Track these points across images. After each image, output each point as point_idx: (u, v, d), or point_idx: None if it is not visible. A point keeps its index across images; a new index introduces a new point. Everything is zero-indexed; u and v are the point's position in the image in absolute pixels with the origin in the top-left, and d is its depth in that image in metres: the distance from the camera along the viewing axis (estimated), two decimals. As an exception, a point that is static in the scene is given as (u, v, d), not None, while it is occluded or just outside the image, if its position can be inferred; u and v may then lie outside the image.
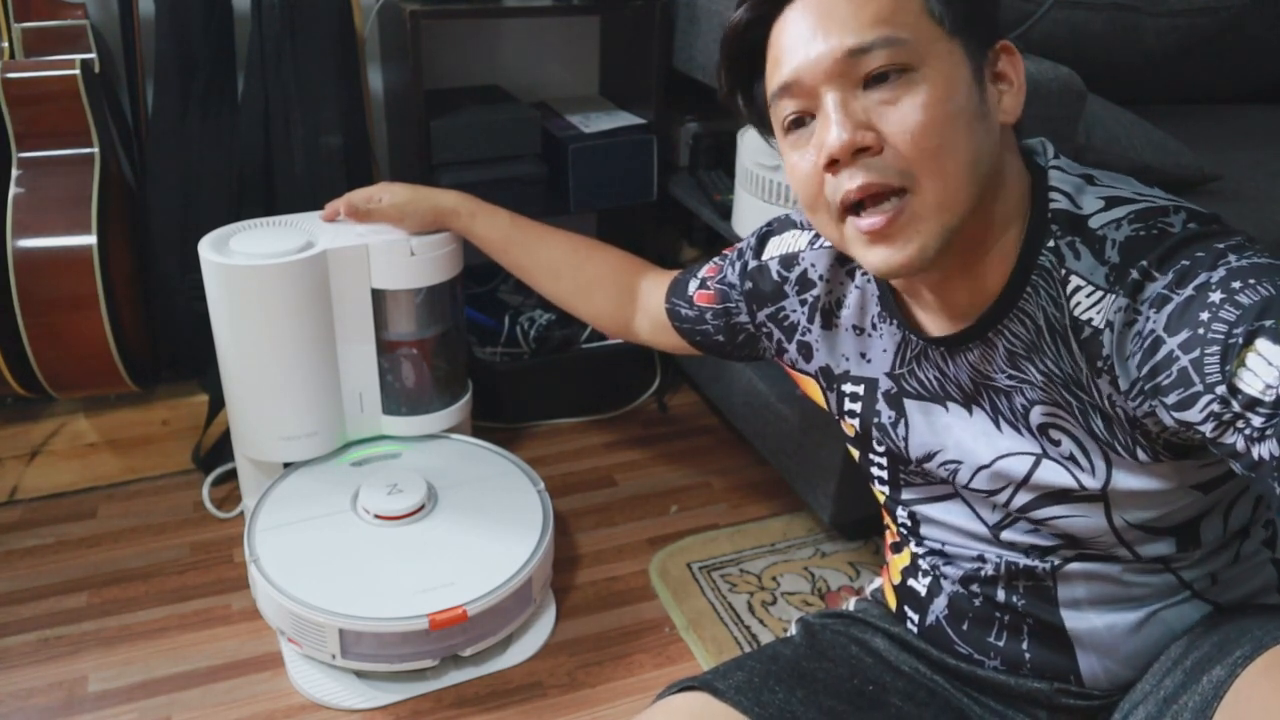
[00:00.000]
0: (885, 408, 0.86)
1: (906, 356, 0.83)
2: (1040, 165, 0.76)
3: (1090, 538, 0.78)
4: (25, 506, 1.45)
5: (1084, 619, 0.81)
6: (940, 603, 0.89)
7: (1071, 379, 0.72)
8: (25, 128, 1.32)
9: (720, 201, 1.49)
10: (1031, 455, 0.77)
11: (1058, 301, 0.72)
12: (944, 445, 0.82)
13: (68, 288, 1.30)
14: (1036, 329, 0.73)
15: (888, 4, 0.68)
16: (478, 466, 1.35)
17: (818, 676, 0.86)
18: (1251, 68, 1.90)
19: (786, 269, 0.93)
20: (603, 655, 1.22)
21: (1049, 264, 0.72)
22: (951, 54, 0.69)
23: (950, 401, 0.81)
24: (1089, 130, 1.27)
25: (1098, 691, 0.83)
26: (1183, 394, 0.63)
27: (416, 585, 1.13)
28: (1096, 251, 0.70)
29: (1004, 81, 0.73)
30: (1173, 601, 0.80)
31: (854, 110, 0.68)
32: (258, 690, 1.15)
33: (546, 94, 1.77)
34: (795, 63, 0.70)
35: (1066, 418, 0.74)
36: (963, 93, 0.69)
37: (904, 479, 0.90)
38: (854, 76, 0.68)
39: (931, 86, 0.67)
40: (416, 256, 1.26)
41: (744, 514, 1.48)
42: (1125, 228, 0.69)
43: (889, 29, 0.67)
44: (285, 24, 1.41)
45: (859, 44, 0.67)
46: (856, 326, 0.87)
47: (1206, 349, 0.62)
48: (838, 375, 0.90)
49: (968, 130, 0.69)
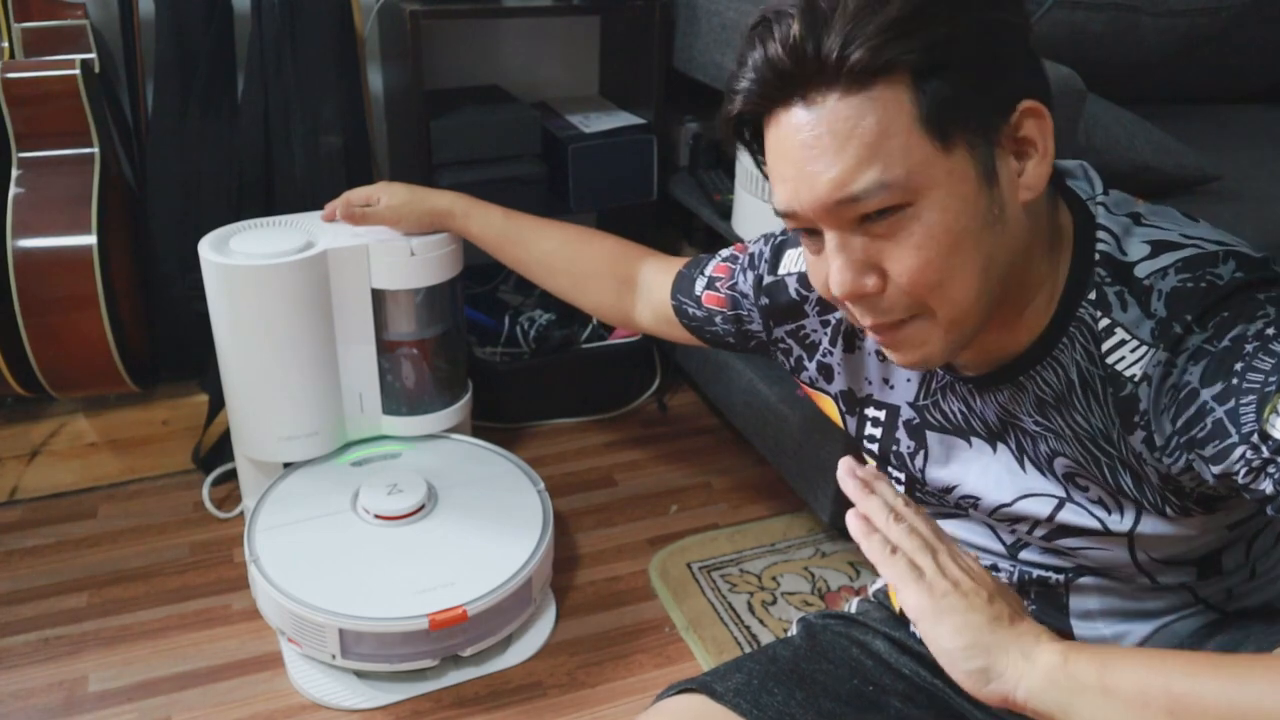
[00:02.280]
0: (905, 437, 0.84)
1: (932, 387, 0.80)
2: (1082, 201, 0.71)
3: (1109, 567, 0.77)
4: (25, 506, 1.45)
5: (1093, 628, 0.81)
6: None
7: (1101, 434, 0.70)
8: (25, 128, 1.32)
9: (720, 201, 1.49)
10: (1055, 498, 0.75)
11: (1092, 355, 0.68)
12: (962, 480, 0.80)
13: (68, 288, 1.30)
14: (1068, 381, 0.70)
15: (875, 130, 0.60)
16: (478, 466, 1.35)
17: (817, 678, 0.86)
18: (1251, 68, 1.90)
19: (805, 288, 0.88)
20: (603, 655, 1.22)
21: (1089, 317, 0.68)
22: (950, 173, 0.62)
23: (974, 437, 0.79)
24: (1089, 130, 1.27)
25: None
26: (1218, 446, 0.61)
27: (416, 585, 1.13)
28: (1143, 304, 0.66)
29: (1030, 147, 0.64)
30: (1185, 614, 0.79)
31: (855, 249, 0.64)
32: (258, 690, 1.15)
33: (546, 94, 1.77)
34: (790, 192, 0.65)
35: (1093, 472, 0.72)
36: (968, 211, 0.63)
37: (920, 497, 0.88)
38: (849, 216, 0.63)
39: (925, 221, 0.62)
40: (416, 256, 1.26)
41: (744, 514, 1.48)
42: (1172, 277, 0.65)
43: (878, 170, 0.61)
44: (285, 24, 1.41)
45: (846, 196, 0.62)
46: (879, 352, 0.84)
47: (1242, 399, 0.60)
48: (860, 399, 0.87)
49: (975, 247, 0.64)
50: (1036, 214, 0.68)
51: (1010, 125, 0.64)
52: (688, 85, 1.54)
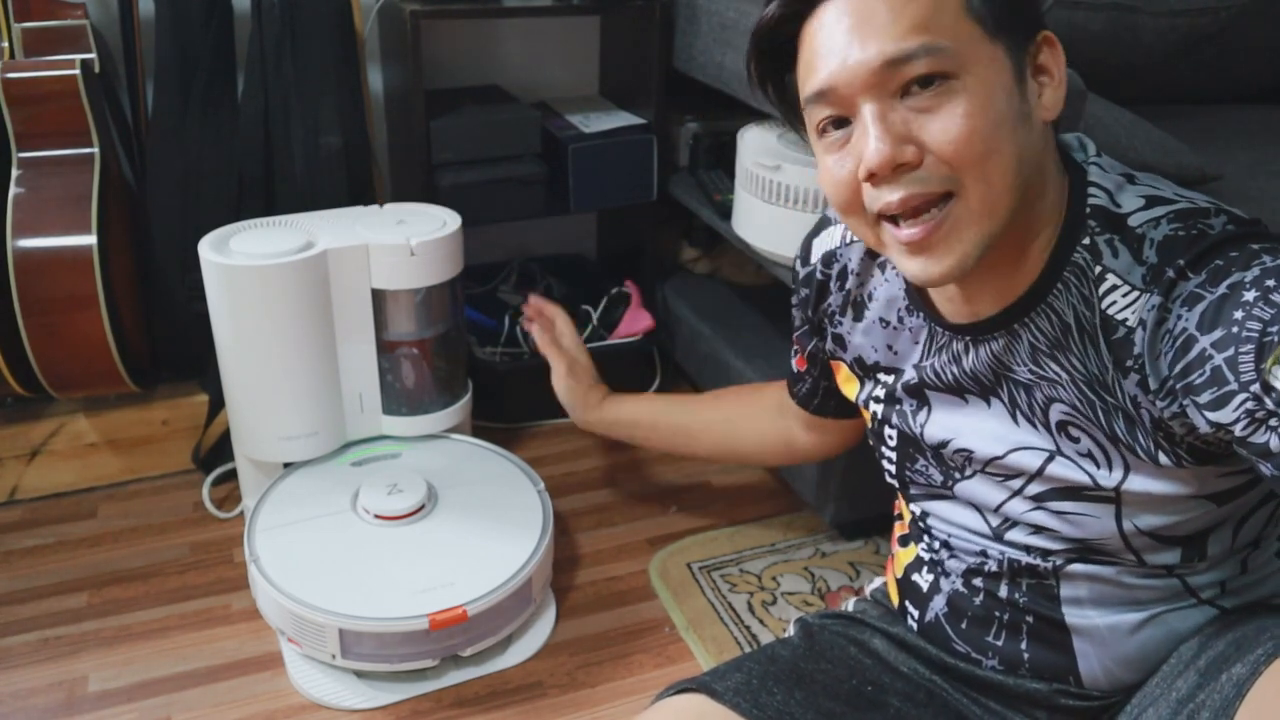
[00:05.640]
0: (907, 396, 0.87)
1: (932, 348, 0.83)
2: (1078, 162, 0.75)
3: (1096, 540, 0.78)
4: (25, 506, 1.45)
5: (1085, 616, 0.81)
6: (940, 600, 0.89)
7: (1096, 379, 0.72)
8: (25, 128, 1.32)
9: (720, 201, 1.49)
10: (1045, 451, 0.77)
11: (1089, 300, 0.70)
12: (958, 434, 0.82)
13: (68, 288, 1.30)
14: (1064, 326, 0.72)
15: (927, 6, 0.65)
16: (478, 466, 1.35)
17: (816, 678, 0.86)
18: (1251, 68, 1.90)
19: (828, 266, 0.92)
20: (603, 655, 1.22)
21: (1083, 261, 0.71)
22: (994, 58, 0.66)
23: (969, 394, 0.81)
24: (1089, 130, 1.27)
25: (1097, 692, 0.83)
26: (1216, 393, 0.62)
27: (416, 585, 1.13)
28: (1135, 250, 0.68)
29: (1045, 75, 0.70)
30: (1178, 606, 0.80)
31: (893, 122, 0.66)
32: (258, 690, 1.15)
33: (546, 94, 1.77)
34: (830, 69, 0.67)
35: (1087, 418, 0.73)
36: (1004, 97, 0.66)
37: (909, 475, 0.90)
38: (892, 86, 0.66)
39: (972, 94, 0.65)
40: (416, 256, 1.26)
41: (744, 514, 1.48)
42: (1164, 226, 0.68)
43: (929, 36, 0.64)
44: (285, 24, 1.41)
45: (899, 53, 0.64)
46: (883, 319, 0.87)
47: (1241, 347, 0.61)
48: (870, 365, 0.91)
49: (1011, 134, 0.67)
50: (1047, 146, 0.72)
51: (1034, 46, 0.69)
52: (688, 85, 1.54)
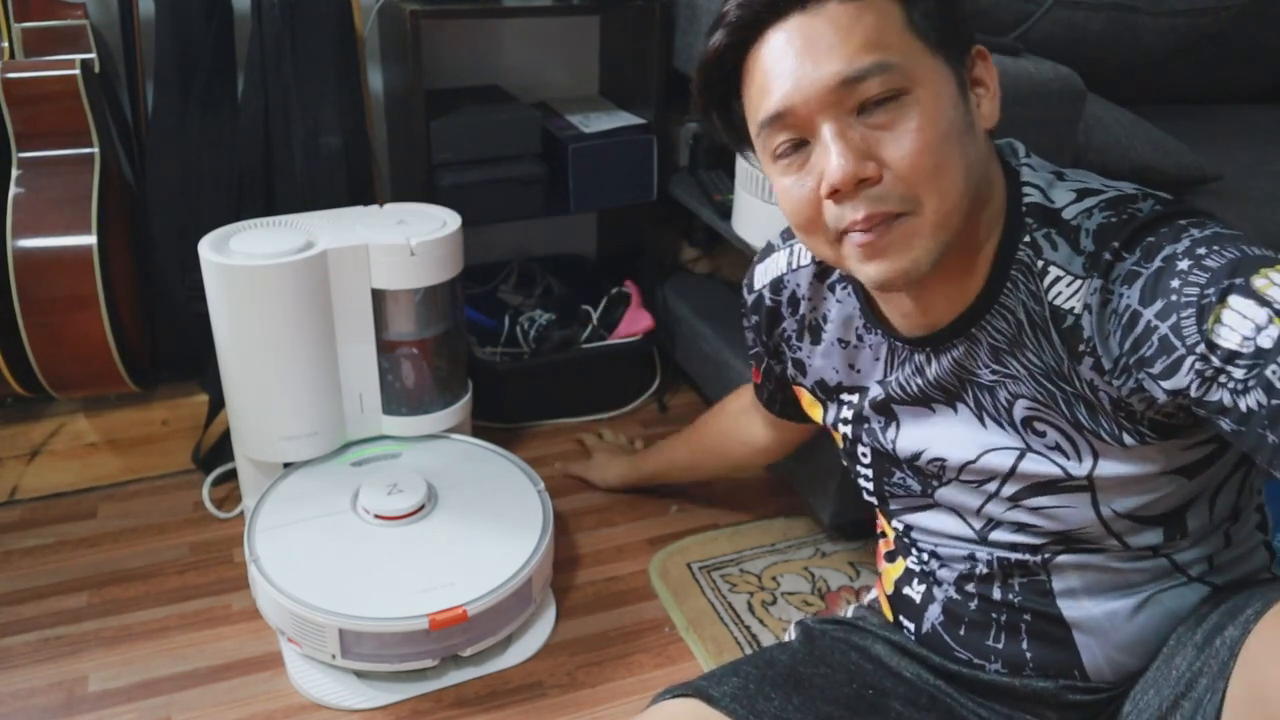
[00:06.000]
0: (874, 413, 0.88)
1: (894, 363, 0.85)
2: (1013, 166, 0.77)
3: (1078, 529, 0.79)
4: (25, 506, 1.45)
5: (1081, 607, 0.82)
6: (935, 609, 0.89)
7: (1054, 370, 0.74)
8: (25, 128, 1.32)
9: (720, 201, 1.49)
10: (1015, 449, 0.78)
11: (1036, 295, 0.73)
12: (929, 444, 0.84)
13: (68, 288, 1.30)
14: (1018, 323, 0.75)
15: (874, 26, 0.67)
16: (478, 466, 1.35)
17: (815, 682, 0.86)
18: (1251, 68, 1.90)
19: (776, 293, 0.95)
20: (603, 655, 1.22)
21: (1026, 258, 0.73)
22: (938, 70, 0.69)
23: (935, 403, 0.83)
24: (1089, 130, 1.27)
25: (1103, 684, 0.83)
26: (1167, 360, 0.65)
27: (416, 585, 1.13)
28: (1072, 241, 0.71)
29: (981, 87, 0.74)
30: (1170, 585, 0.81)
31: (853, 139, 0.68)
32: (258, 690, 1.15)
33: (546, 94, 1.77)
34: (786, 91, 0.69)
35: (1050, 410, 0.75)
36: (952, 108, 0.69)
37: (888, 490, 0.91)
38: (849, 104, 0.68)
39: (925, 107, 0.68)
40: (416, 256, 1.26)
41: (744, 514, 1.48)
42: (1096, 216, 0.71)
43: (879, 54, 0.67)
44: (285, 24, 1.41)
45: (853, 72, 0.67)
46: (842, 340, 0.89)
47: (1182, 313, 0.64)
48: (832, 387, 0.92)
49: (960, 145, 0.69)
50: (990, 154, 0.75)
51: (970, 60, 0.73)
52: (688, 85, 1.54)
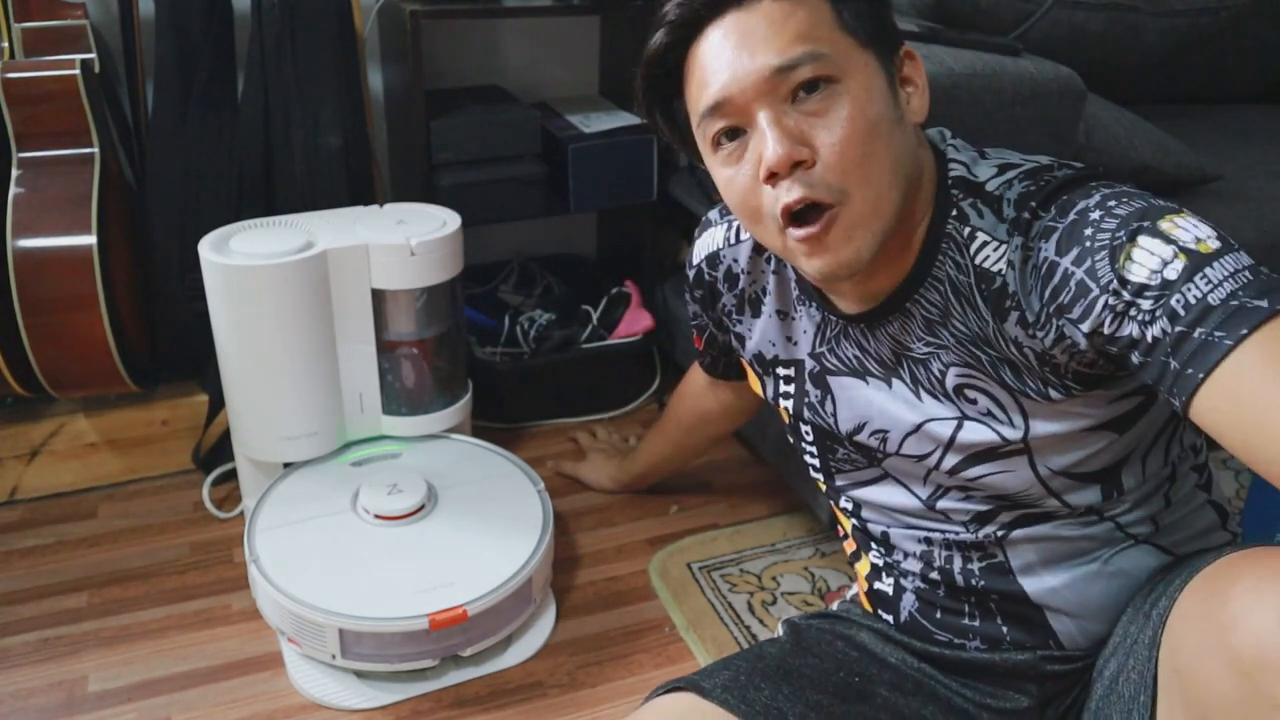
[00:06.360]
0: (812, 387, 0.91)
1: (827, 335, 0.88)
2: (940, 148, 0.82)
3: (1020, 492, 0.81)
4: (25, 506, 1.45)
5: (1042, 582, 0.84)
6: (909, 599, 0.92)
7: (979, 335, 0.77)
8: (25, 128, 1.32)
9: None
10: (952, 420, 0.82)
11: (961, 264, 0.77)
12: (870, 416, 0.87)
13: (68, 288, 1.30)
14: (946, 294, 0.78)
15: (806, 21, 0.71)
16: (478, 466, 1.35)
17: (804, 672, 0.88)
18: (1251, 68, 1.90)
19: (712, 268, 0.99)
20: (603, 655, 1.22)
21: (954, 230, 0.77)
22: (867, 64, 0.73)
23: (870, 376, 0.86)
24: (1089, 130, 1.27)
25: (1079, 652, 0.86)
26: (1084, 303, 0.69)
27: (416, 585, 1.13)
28: (995, 210, 0.76)
29: (910, 85, 0.78)
30: (1119, 548, 0.83)
31: (787, 125, 0.72)
32: (258, 690, 1.15)
33: (546, 94, 1.77)
34: (723, 81, 0.73)
35: (979, 375, 0.79)
36: (881, 100, 0.73)
37: (834, 465, 0.94)
38: (783, 91, 0.72)
39: (854, 97, 0.72)
40: (416, 256, 1.26)
41: (744, 514, 1.48)
42: (1016, 186, 0.75)
43: (810, 45, 0.71)
44: (285, 24, 1.41)
45: (785, 61, 0.71)
46: (780, 311, 0.92)
47: (1096, 256, 0.68)
48: (769, 360, 0.95)
49: (888, 136, 0.73)
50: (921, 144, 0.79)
51: (899, 59, 0.77)
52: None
